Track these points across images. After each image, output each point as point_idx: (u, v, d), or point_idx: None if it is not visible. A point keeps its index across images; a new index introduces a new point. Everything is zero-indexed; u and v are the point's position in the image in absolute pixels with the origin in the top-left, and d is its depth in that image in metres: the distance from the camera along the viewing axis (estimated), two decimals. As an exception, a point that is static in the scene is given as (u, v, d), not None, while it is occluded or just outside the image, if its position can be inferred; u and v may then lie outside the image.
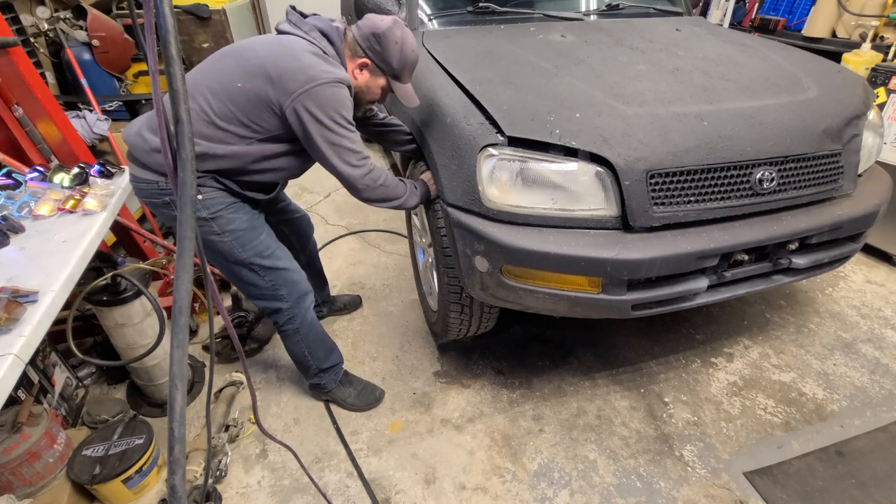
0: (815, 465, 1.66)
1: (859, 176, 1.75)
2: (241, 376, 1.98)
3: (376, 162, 4.42)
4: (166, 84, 0.65)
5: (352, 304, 2.41)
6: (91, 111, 2.52)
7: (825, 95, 1.68)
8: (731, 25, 3.76)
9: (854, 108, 1.67)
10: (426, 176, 1.71)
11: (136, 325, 1.69)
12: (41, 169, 1.67)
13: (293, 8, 1.48)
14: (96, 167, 1.76)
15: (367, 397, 1.91)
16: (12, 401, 1.50)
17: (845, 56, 2.72)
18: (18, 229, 1.43)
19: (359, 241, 2.99)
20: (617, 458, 1.72)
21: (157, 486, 1.65)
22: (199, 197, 1.41)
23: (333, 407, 1.93)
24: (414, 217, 2.25)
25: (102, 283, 1.60)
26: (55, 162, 1.92)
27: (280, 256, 1.61)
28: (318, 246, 2.27)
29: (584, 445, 1.77)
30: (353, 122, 1.45)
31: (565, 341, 2.21)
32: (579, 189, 1.45)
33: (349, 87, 1.42)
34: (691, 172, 1.45)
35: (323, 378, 1.86)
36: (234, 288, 2.30)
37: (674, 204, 1.46)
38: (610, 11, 2.47)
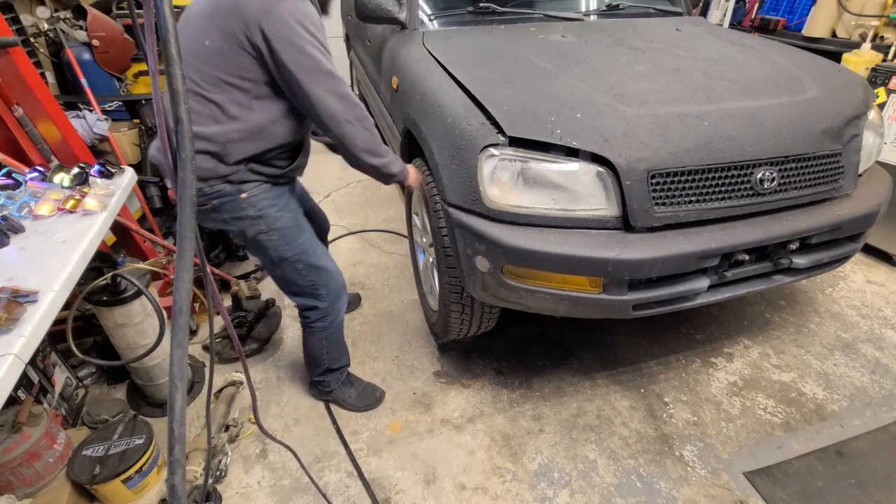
0: (815, 465, 1.66)
1: (859, 176, 1.75)
2: (241, 376, 1.98)
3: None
4: (166, 84, 0.65)
5: (351, 303, 2.41)
6: (91, 111, 2.52)
7: (825, 95, 1.68)
8: (731, 25, 3.76)
9: (854, 108, 1.67)
10: (413, 170, 1.70)
11: (136, 325, 1.69)
12: (41, 169, 1.67)
13: None
14: (96, 167, 1.75)
15: (367, 398, 1.91)
16: (12, 401, 1.50)
17: (845, 56, 2.72)
18: (18, 229, 1.43)
19: (359, 241, 2.99)
20: (617, 458, 1.72)
21: (157, 486, 1.65)
22: (244, 195, 1.42)
23: (333, 407, 1.93)
24: (414, 217, 2.25)
25: (102, 283, 1.59)
26: (55, 162, 1.92)
27: (321, 255, 1.62)
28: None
29: (584, 445, 1.77)
30: (328, 48, 1.31)
31: (565, 341, 2.21)
32: (580, 189, 1.45)
33: (313, 1, 1.30)
34: (692, 172, 1.45)
35: (328, 377, 1.86)
36: (234, 288, 2.30)
37: (675, 204, 1.47)
38: (610, 11, 2.47)
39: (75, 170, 1.66)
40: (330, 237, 3.00)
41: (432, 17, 2.29)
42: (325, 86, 1.28)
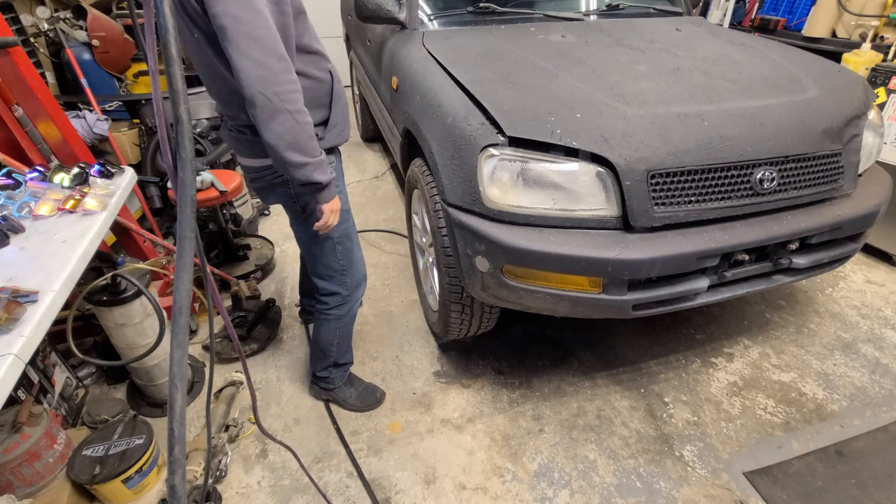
0: (815, 465, 1.66)
1: (859, 176, 1.75)
2: (241, 376, 1.98)
3: (376, 162, 4.38)
4: (166, 84, 0.65)
5: None
6: (91, 111, 2.52)
7: (825, 95, 1.68)
8: (731, 25, 3.76)
9: (854, 108, 1.67)
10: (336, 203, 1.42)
11: (136, 325, 1.69)
12: (41, 169, 1.67)
13: None
14: (96, 167, 1.75)
15: (368, 398, 1.91)
16: (12, 401, 1.50)
17: (845, 56, 2.72)
18: (18, 229, 1.43)
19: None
20: (617, 458, 1.72)
21: (157, 486, 1.65)
22: None
23: (333, 407, 1.93)
24: (414, 217, 2.25)
25: (102, 283, 1.59)
26: (55, 162, 1.92)
27: (357, 243, 1.66)
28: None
29: (584, 445, 1.77)
30: (270, 8, 1.12)
31: (565, 341, 2.21)
32: (580, 189, 1.45)
33: None
34: (692, 172, 1.45)
35: (332, 373, 1.86)
36: (234, 288, 2.30)
37: (674, 204, 1.47)
38: (610, 11, 2.47)
39: (75, 170, 1.66)
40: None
41: (432, 17, 2.30)
42: (243, 48, 1.08)
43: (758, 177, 1.50)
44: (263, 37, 1.09)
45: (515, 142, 1.45)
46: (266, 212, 3.32)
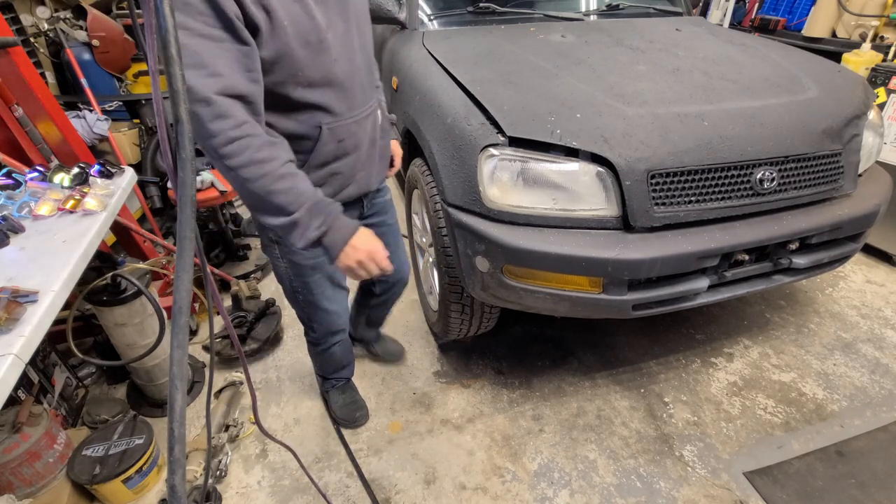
0: (815, 465, 1.66)
1: (859, 176, 1.75)
2: (241, 376, 1.98)
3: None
4: (166, 84, 0.65)
5: (389, 356, 2.12)
6: (91, 111, 2.52)
7: (825, 95, 1.68)
8: (731, 25, 3.76)
9: (854, 108, 1.67)
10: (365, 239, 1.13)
11: (137, 324, 1.69)
12: (41, 169, 1.67)
13: None
14: (96, 167, 1.75)
15: (346, 412, 1.85)
16: (12, 401, 1.50)
17: (845, 56, 2.72)
18: (18, 229, 1.43)
19: (359, 241, 2.99)
20: (617, 458, 1.72)
21: (157, 486, 1.65)
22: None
23: (333, 407, 1.93)
24: (414, 217, 2.25)
25: (102, 283, 1.59)
26: (55, 162, 1.92)
27: (328, 297, 1.47)
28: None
29: (584, 445, 1.77)
30: (221, 13, 0.92)
31: (565, 341, 2.21)
32: (580, 189, 1.45)
33: None
34: (692, 172, 1.45)
35: (321, 380, 1.87)
36: (234, 288, 2.30)
37: (674, 204, 1.47)
38: (610, 11, 2.47)
39: (75, 170, 1.66)
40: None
41: (432, 17, 2.29)
42: (189, 78, 0.92)
43: (758, 177, 1.50)
44: (188, 78, 0.91)
45: (515, 142, 1.44)
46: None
